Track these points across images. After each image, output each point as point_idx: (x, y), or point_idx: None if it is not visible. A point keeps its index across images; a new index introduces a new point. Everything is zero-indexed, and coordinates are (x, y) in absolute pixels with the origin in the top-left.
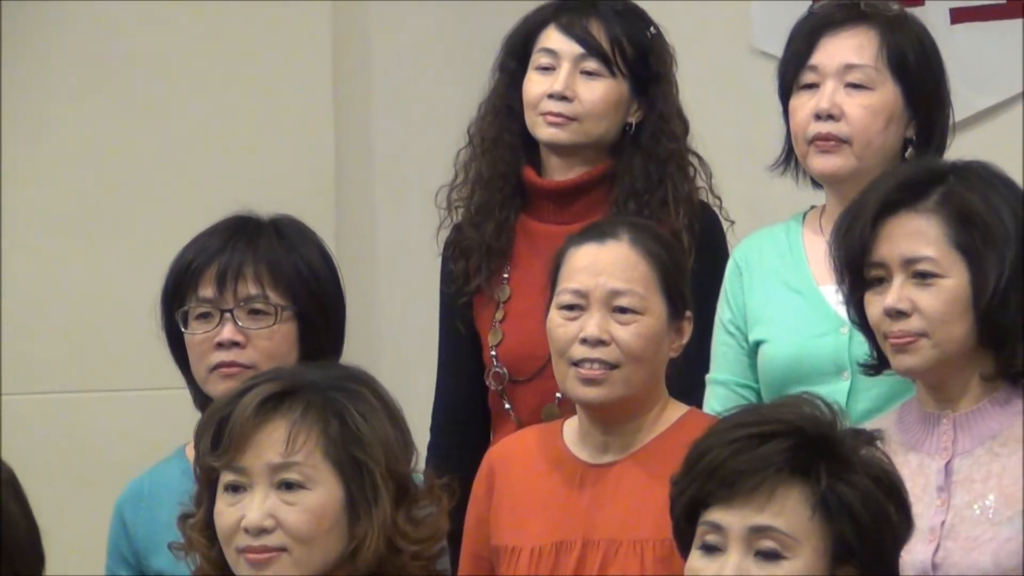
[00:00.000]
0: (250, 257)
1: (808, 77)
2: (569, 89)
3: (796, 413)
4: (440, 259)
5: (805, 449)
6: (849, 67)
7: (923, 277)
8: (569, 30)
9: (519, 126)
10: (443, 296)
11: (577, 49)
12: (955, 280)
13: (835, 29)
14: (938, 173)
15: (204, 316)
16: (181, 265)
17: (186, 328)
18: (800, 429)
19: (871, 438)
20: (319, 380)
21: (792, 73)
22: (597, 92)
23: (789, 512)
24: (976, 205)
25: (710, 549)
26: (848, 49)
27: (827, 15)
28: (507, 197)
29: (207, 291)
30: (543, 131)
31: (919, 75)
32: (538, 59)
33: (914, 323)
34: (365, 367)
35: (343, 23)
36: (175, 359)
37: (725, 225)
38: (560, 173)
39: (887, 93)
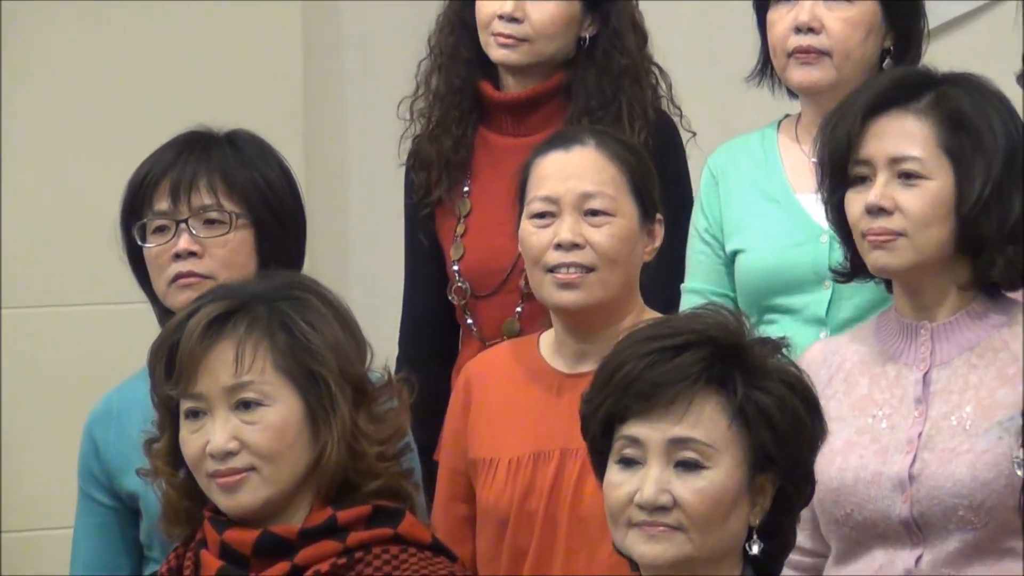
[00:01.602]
0: (203, 168)
1: None
2: (519, 10)
3: (707, 323)
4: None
5: (719, 359)
6: None
7: (908, 177)
8: None
9: (474, 41)
10: (406, 207)
11: None
12: (940, 183)
13: None
14: (932, 78)
15: (160, 229)
16: (136, 180)
17: (144, 243)
18: (713, 339)
19: (777, 346)
20: (263, 292)
21: None
22: (547, 12)
23: (707, 422)
24: (968, 111)
25: (628, 462)
26: None
27: None
28: (464, 111)
29: (162, 204)
30: (495, 52)
31: None
32: None
33: (895, 222)
34: (338, 280)
35: None
36: (136, 276)
37: (685, 136)
38: (516, 87)
39: (865, 5)
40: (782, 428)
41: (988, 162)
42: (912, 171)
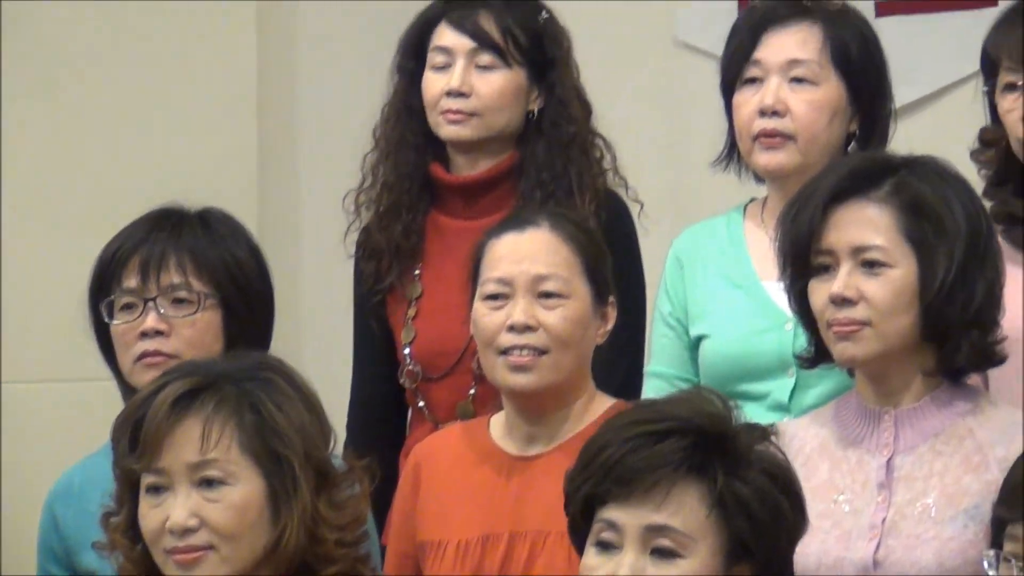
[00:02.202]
0: (172, 246)
1: (752, 72)
2: (465, 85)
3: (692, 410)
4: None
5: (701, 447)
6: (793, 62)
7: (871, 266)
8: (460, 25)
9: (422, 125)
10: (356, 296)
11: (469, 44)
12: (903, 271)
13: (778, 24)
14: (891, 164)
15: (128, 307)
16: (106, 256)
17: (111, 319)
18: (697, 427)
19: (765, 433)
20: (231, 372)
21: (735, 68)
22: (494, 85)
23: (686, 511)
24: (929, 197)
25: (605, 546)
26: (792, 44)
27: (770, 10)
28: (414, 198)
29: (131, 281)
30: (445, 130)
31: (862, 69)
32: (433, 58)
33: (859, 312)
34: (289, 358)
35: (267, 19)
36: (102, 352)
37: (634, 208)
38: (467, 168)
39: (831, 88)
40: (761, 519)
41: (951, 248)
42: (875, 260)
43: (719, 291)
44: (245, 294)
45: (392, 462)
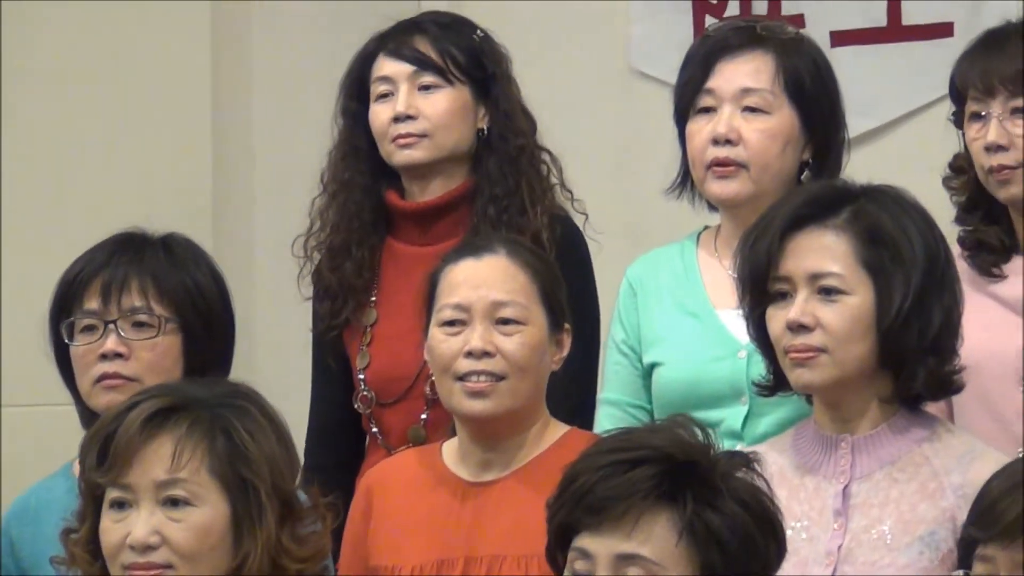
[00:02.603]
0: (135, 270)
1: (705, 101)
2: (411, 107)
3: (667, 439)
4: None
5: (672, 475)
6: (746, 91)
7: (828, 293)
8: (398, 53)
9: (370, 163)
10: (313, 334)
11: (409, 68)
12: (860, 298)
13: (731, 53)
14: (849, 192)
15: (89, 329)
16: (68, 278)
17: (71, 341)
18: (669, 455)
19: (747, 461)
20: (206, 396)
21: (688, 97)
22: (439, 104)
23: (656, 539)
24: (886, 225)
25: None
26: (745, 73)
27: (723, 39)
28: (365, 234)
29: (92, 303)
30: (397, 156)
31: (815, 98)
32: (376, 89)
33: (816, 338)
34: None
35: (222, 49)
36: (61, 375)
37: (579, 220)
38: (421, 195)
39: (784, 117)
40: (732, 548)
41: (907, 275)
42: (832, 287)
43: (673, 319)
44: (205, 319)
45: (348, 485)
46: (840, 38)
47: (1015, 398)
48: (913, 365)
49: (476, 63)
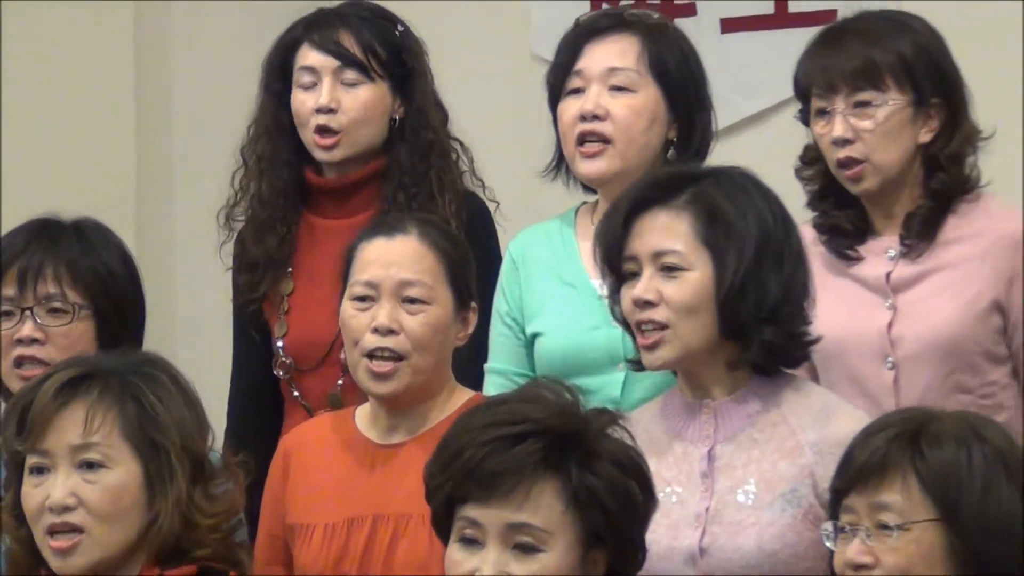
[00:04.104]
0: (50, 258)
1: (574, 82)
2: (334, 101)
3: (544, 409)
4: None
5: (557, 446)
6: (612, 70)
7: (670, 270)
8: (323, 46)
9: (292, 141)
10: (234, 305)
11: (333, 63)
12: (699, 273)
13: (599, 36)
14: (692, 175)
15: (7, 314)
16: None
17: None
18: (550, 426)
19: (614, 417)
20: (117, 366)
21: (560, 80)
22: (360, 99)
23: (544, 509)
24: (722, 204)
25: (469, 542)
26: (611, 54)
27: (591, 23)
28: (288, 210)
29: (9, 290)
30: (318, 153)
31: (679, 79)
32: (300, 77)
33: (660, 313)
34: (164, 355)
35: (143, 29)
36: None
37: (492, 207)
38: (336, 172)
39: (649, 95)
40: (613, 510)
41: (741, 250)
42: (673, 264)
43: (552, 291)
44: (117, 303)
45: (271, 448)
46: (730, 24)
47: (882, 375)
48: (751, 334)
49: (396, 59)
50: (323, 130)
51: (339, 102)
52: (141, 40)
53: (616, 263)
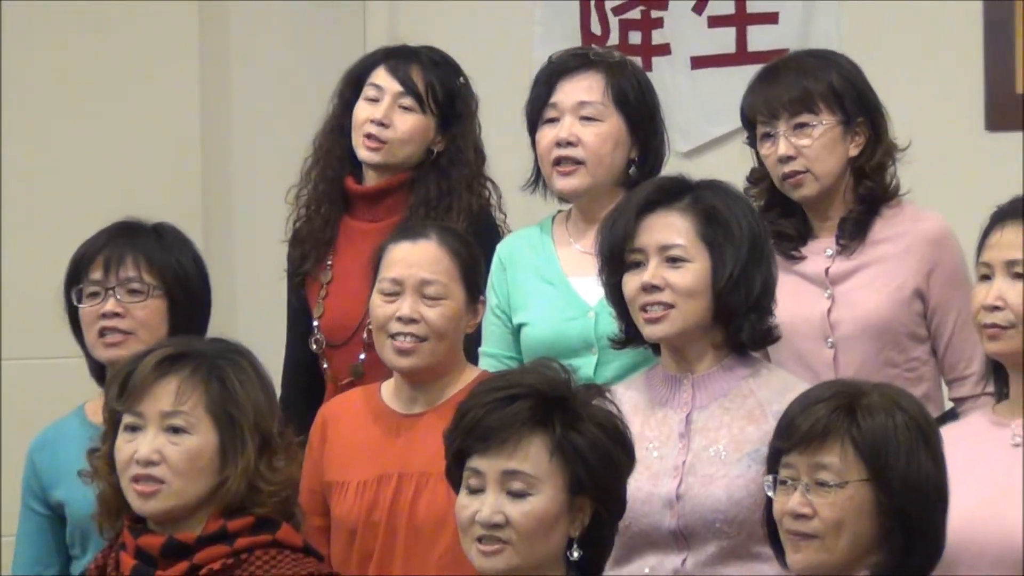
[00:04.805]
0: (130, 249)
1: (550, 113)
2: (387, 117)
3: (537, 378)
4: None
5: (543, 407)
6: (582, 103)
7: (674, 261)
8: (395, 72)
9: (347, 142)
10: (288, 275)
11: (398, 87)
12: (699, 265)
13: (569, 74)
14: (690, 184)
15: (93, 294)
16: (77, 255)
17: (80, 303)
18: (539, 391)
19: (601, 391)
20: (208, 350)
21: (537, 111)
22: (408, 123)
23: (532, 458)
24: (720, 208)
25: (473, 490)
26: (580, 89)
27: (562, 63)
28: (334, 199)
29: (96, 274)
30: (362, 152)
31: (638, 109)
32: (367, 92)
33: (665, 296)
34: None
35: (209, 70)
36: (73, 332)
37: (504, 230)
38: (372, 179)
39: (613, 123)
40: (593, 463)
41: (737, 249)
42: (677, 256)
43: (534, 287)
44: (186, 290)
45: (314, 409)
46: (698, 62)
47: (823, 353)
48: (740, 319)
49: (450, 102)
50: (371, 137)
51: (391, 120)
52: (205, 53)
53: (621, 254)
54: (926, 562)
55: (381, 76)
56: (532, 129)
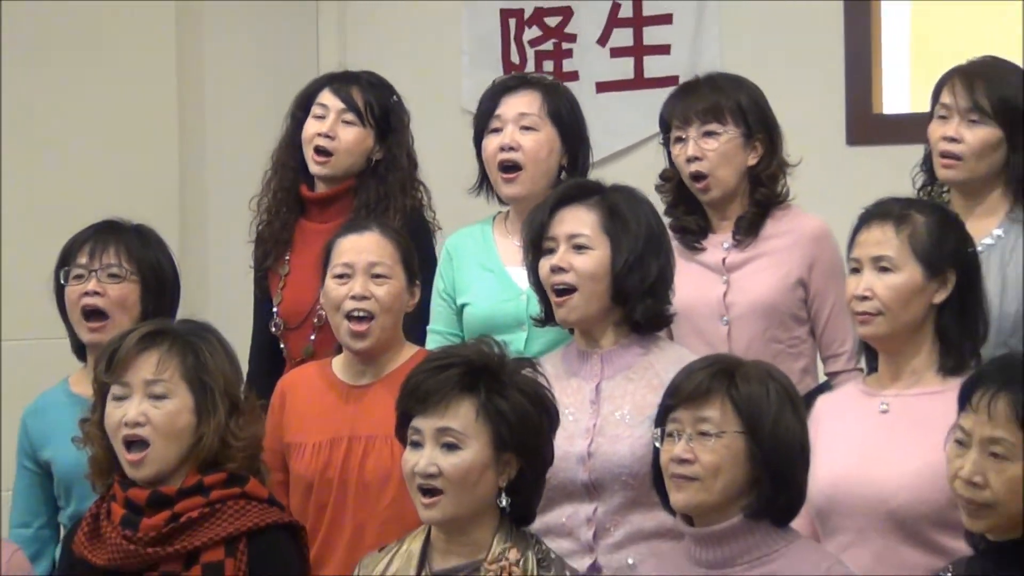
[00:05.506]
0: (113, 240)
1: (494, 124)
2: (333, 131)
3: (471, 350)
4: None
5: (471, 374)
6: (522, 115)
7: (579, 248)
8: (337, 92)
9: (299, 156)
10: (253, 271)
11: (341, 105)
12: (600, 252)
13: (511, 91)
14: (598, 186)
15: (79, 276)
16: (68, 243)
17: (66, 284)
18: (470, 360)
19: (531, 363)
20: (181, 328)
21: (483, 123)
22: (351, 135)
23: (461, 417)
24: (622, 205)
25: (415, 445)
26: (520, 104)
27: (505, 82)
28: (290, 205)
29: (83, 259)
30: (312, 167)
31: (568, 122)
32: (315, 110)
33: (569, 277)
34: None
35: (185, 68)
36: (60, 312)
37: (434, 227)
38: (322, 188)
39: (548, 133)
40: (515, 423)
41: (634, 240)
42: (582, 244)
43: (475, 274)
44: (159, 280)
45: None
46: (603, 86)
47: (719, 330)
48: (635, 302)
49: (385, 117)
50: (320, 151)
51: (336, 133)
52: (183, 78)
53: (539, 241)
54: (789, 507)
55: (327, 96)
56: (478, 140)
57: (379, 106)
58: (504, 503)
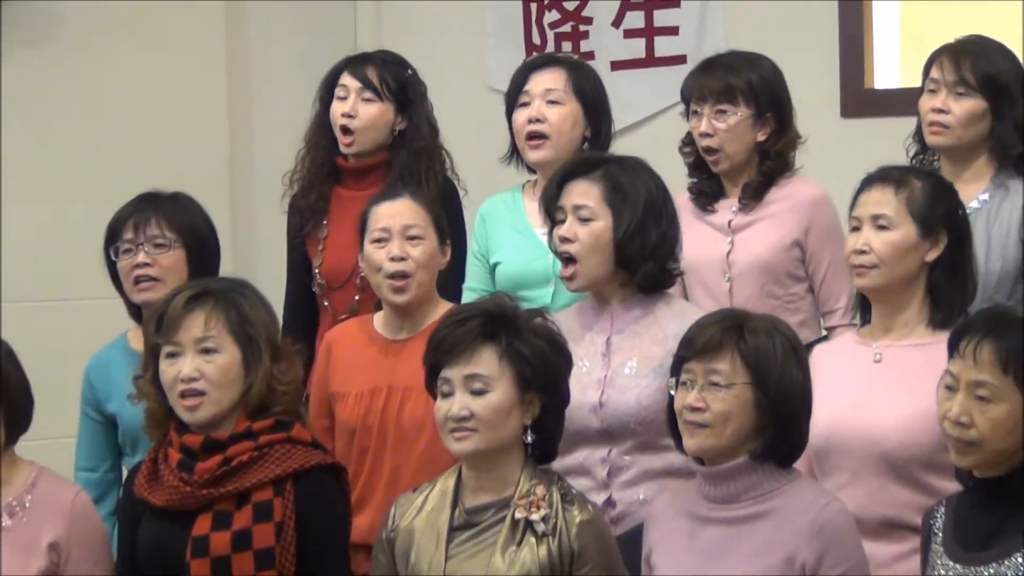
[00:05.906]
0: (154, 212)
1: (523, 99)
2: (353, 110)
3: (488, 303)
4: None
5: (491, 323)
6: (548, 90)
7: (584, 220)
8: (354, 73)
9: (329, 135)
10: (288, 238)
11: (358, 84)
12: (603, 223)
13: (539, 69)
14: (604, 159)
15: (127, 251)
16: (112, 221)
17: (117, 259)
18: (487, 311)
19: (541, 313)
20: (223, 287)
21: (513, 98)
22: (371, 111)
23: (486, 362)
24: (623, 178)
25: (445, 395)
26: (547, 80)
27: (534, 61)
28: (323, 179)
29: (128, 234)
30: (341, 146)
31: (592, 97)
32: (338, 92)
33: (574, 247)
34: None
35: (235, 58)
36: (112, 281)
37: (461, 192)
38: (355, 159)
39: (573, 106)
40: (535, 363)
41: (634, 210)
42: (586, 216)
43: (507, 236)
44: (200, 243)
45: (310, 340)
46: (617, 65)
47: (722, 285)
48: (637, 266)
49: (402, 90)
50: (344, 130)
51: (357, 111)
52: (232, 64)
53: (552, 213)
54: (791, 451)
55: (346, 78)
56: (509, 113)
57: (394, 80)
58: (530, 439)
